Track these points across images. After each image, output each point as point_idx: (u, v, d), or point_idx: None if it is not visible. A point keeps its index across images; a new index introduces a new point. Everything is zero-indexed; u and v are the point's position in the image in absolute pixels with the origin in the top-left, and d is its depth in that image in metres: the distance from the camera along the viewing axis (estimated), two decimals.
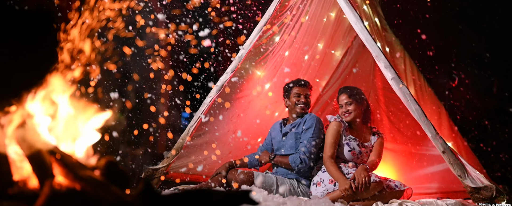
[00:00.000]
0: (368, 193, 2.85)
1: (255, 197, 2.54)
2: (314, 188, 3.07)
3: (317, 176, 3.09)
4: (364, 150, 3.16)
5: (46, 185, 1.21)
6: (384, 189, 2.91)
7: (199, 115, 3.46)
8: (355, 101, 3.14)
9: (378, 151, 3.16)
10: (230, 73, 3.47)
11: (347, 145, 3.13)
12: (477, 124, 4.68)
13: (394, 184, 3.01)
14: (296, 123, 3.31)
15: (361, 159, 3.15)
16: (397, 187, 2.97)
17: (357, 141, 3.16)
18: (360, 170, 2.89)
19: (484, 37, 4.74)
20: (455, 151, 2.92)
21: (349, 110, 3.15)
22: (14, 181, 1.29)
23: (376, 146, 3.18)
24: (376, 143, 3.19)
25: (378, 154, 3.15)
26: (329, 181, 2.98)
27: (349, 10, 3.04)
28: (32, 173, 1.31)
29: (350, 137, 3.16)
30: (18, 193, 1.25)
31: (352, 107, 3.14)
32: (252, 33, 3.51)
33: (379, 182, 2.89)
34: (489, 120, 4.70)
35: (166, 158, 3.46)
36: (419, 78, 3.56)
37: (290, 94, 3.34)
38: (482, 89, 4.94)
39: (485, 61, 4.82)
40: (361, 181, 2.81)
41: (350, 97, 3.15)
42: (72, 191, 1.21)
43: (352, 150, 3.12)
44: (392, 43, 3.62)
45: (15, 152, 1.35)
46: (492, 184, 2.62)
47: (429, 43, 4.79)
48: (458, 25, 4.90)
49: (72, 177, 1.25)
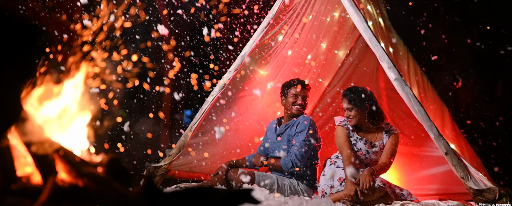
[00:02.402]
0: (372, 197, 2.84)
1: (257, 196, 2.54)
2: (323, 178, 3.07)
3: (329, 169, 3.08)
4: (373, 150, 3.10)
5: (49, 181, 1.21)
6: (388, 195, 2.89)
7: (201, 113, 3.47)
8: (355, 106, 3.07)
9: (389, 151, 3.04)
10: (233, 72, 3.47)
11: (354, 146, 3.10)
12: (481, 125, 4.66)
13: (401, 192, 2.98)
14: (290, 124, 3.32)
15: (370, 158, 3.11)
16: (404, 196, 2.95)
17: (365, 141, 3.12)
18: (366, 174, 2.84)
19: (489, 38, 4.71)
20: (458, 152, 2.91)
21: (350, 115, 3.09)
22: (18, 177, 1.29)
23: (387, 145, 3.07)
24: (388, 141, 3.08)
25: (388, 154, 3.04)
26: (338, 179, 2.98)
27: (353, 10, 3.03)
28: (35, 169, 1.31)
29: (357, 137, 3.13)
30: (22, 189, 1.25)
31: (353, 112, 3.07)
32: (256, 32, 3.50)
33: (382, 187, 2.86)
34: (492, 121, 4.68)
35: (168, 156, 3.47)
36: (422, 79, 3.55)
37: (287, 94, 3.33)
38: (486, 91, 4.92)
39: (490, 63, 4.79)
40: (365, 186, 2.78)
41: (350, 103, 3.08)
42: (75, 187, 1.22)
43: (359, 150, 3.10)
44: (395, 43, 3.61)
45: (18, 149, 1.36)
46: (495, 186, 2.61)
47: (433, 44, 4.77)
48: (462, 25, 4.88)
49: (75, 173, 1.25)
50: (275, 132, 3.40)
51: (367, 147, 3.10)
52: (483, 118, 4.72)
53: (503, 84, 4.93)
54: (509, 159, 4.31)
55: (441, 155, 2.84)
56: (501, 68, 4.74)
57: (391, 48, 3.45)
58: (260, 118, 3.84)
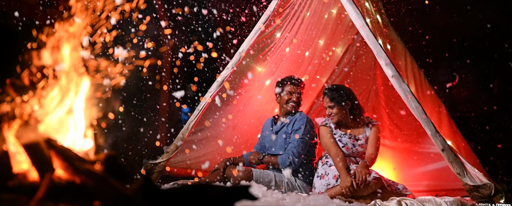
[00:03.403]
0: (368, 190, 2.87)
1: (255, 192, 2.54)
2: (318, 180, 3.10)
3: (322, 169, 3.12)
4: (358, 143, 3.20)
5: (46, 178, 1.21)
6: (384, 187, 2.92)
7: (199, 110, 3.46)
8: (336, 104, 3.19)
9: (374, 142, 3.18)
10: (230, 69, 3.46)
11: (339, 142, 3.18)
12: (477, 122, 4.68)
13: (396, 186, 3.02)
14: (286, 121, 3.33)
15: (357, 151, 3.20)
16: (399, 190, 2.98)
17: (349, 136, 3.21)
18: (361, 167, 2.92)
19: (487, 35, 4.72)
20: (455, 149, 2.93)
21: (332, 113, 3.21)
22: (14, 174, 1.29)
23: (371, 137, 3.20)
24: (371, 133, 3.21)
25: (374, 145, 3.17)
26: (333, 176, 3.01)
27: (351, 7, 3.03)
28: (32, 166, 1.31)
29: (341, 133, 3.22)
30: (18, 185, 1.25)
31: (335, 110, 3.20)
32: (253, 29, 3.50)
33: (378, 178, 2.91)
34: (489, 118, 4.70)
35: (166, 152, 3.47)
36: (419, 75, 3.56)
37: (282, 91, 3.36)
38: (482, 87, 4.94)
39: (486, 59, 4.81)
40: (361, 178, 2.84)
41: (332, 101, 3.20)
42: (72, 184, 1.21)
43: (345, 145, 3.18)
44: (393, 40, 3.61)
45: (14, 145, 1.35)
46: (491, 182, 2.63)
47: (430, 40, 4.78)
48: (461, 21, 4.88)
49: (72, 170, 1.25)
50: (272, 129, 3.40)
51: (352, 141, 3.19)
52: (480, 115, 4.74)
53: (499, 81, 4.95)
54: (505, 155, 4.33)
55: (437, 151, 2.85)
56: (498, 65, 4.76)
57: (389, 45, 3.46)
58: (258, 115, 3.84)
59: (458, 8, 4.87)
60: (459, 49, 4.94)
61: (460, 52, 4.96)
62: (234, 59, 3.47)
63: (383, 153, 3.77)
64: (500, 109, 4.67)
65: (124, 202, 1.19)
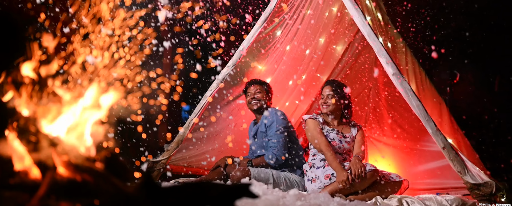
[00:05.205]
0: (365, 183, 2.89)
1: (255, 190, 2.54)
2: (309, 184, 3.10)
3: (311, 173, 3.12)
4: (345, 140, 3.22)
5: (47, 176, 1.21)
6: (380, 179, 2.94)
7: (199, 108, 3.46)
8: (336, 96, 3.20)
9: (361, 143, 3.21)
10: (231, 67, 3.46)
11: (327, 137, 3.19)
12: (478, 120, 4.67)
13: (390, 175, 3.04)
14: (260, 122, 3.38)
15: (344, 148, 3.20)
16: (393, 178, 3.00)
17: (336, 132, 3.22)
18: (355, 160, 2.94)
19: (487, 33, 4.72)
20: (455, 147, 2.92)
21: (328, 102, 3.22)
22: (16, 171, 1.29)
23: (358, 138, 3.23)
24: (357, 134, 3.25)
25: (361, 146, 3.20)
26: (324, 177, 3.01)
27: (351, 5, 3.02)
28: (33, 164, 1.31)
29: (328, 129, 3.23)
30: (19, 183, 1.25)
31: (332, 100, 3.21)
32: (254, 27, 3.49)
33: (374, 170, 2.93)
34: (490, 116, 4.70)
35: (167, 150, 3.47)
36: (420, 73, 3.55)
37: (246, 97, 3.46)
38: (483, 85, 4.93)
39: (487, 58, 4.80)
40: (357, 171, 2.86)
41: (333, 91, 3.22)
42: (73, 182, 1.22)
43: (332, 141, 3.18)
44: (394, 38, 3.61)
45: (16, 143, 1.36)
46: (492, 180, 2.62)
47: (431, 38, 4.77)
48: (462, 20, 4.87)
49: (73, 168, 1.25)
50: (251, 134, 3.48)
51: (340, 137, 3.21)
52: (480, 113, 4.74)
53: (500, 79, 4.94)
54: (506, 153, 4.33)
55: (438, 149, 2.85)
56: (498, 63, 4.75)
57: (389, 43, 3.45)
58: None
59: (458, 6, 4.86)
60: (460, 47, 4.93)
61: (461, 50, 4.95)
62: (234, 58, 3.47)
63: (384, 151, 3.77)
64: (501, 107, 4.66)
65: (125, 200, 1.20)
